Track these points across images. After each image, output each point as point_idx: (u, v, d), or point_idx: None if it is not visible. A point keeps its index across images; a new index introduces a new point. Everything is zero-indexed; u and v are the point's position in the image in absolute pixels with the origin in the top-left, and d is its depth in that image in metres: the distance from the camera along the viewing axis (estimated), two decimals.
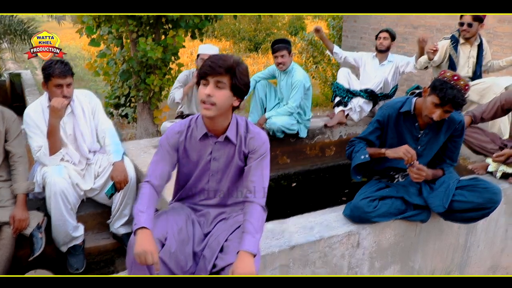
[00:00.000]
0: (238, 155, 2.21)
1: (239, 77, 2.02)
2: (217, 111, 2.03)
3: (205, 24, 6.77)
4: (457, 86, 2.55)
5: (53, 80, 3.02)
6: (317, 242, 2.48)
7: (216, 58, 2.01)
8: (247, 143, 2.19)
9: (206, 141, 2.20)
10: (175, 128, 2.24)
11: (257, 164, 2.17)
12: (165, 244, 2.07)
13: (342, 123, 4.83)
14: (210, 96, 1.99)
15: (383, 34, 4.93)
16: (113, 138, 3.30)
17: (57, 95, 3.05)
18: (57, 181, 2.97)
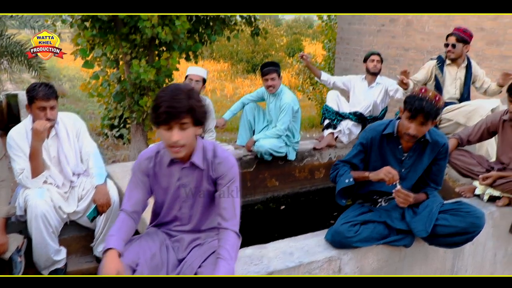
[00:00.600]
0: (207, 180, 2.19)
1: (198, 110, 2.00)
2: (187, 149, 2.06)
3: (198, 47, 6.83)
4: (426, 97, 2.56)
5: (36, 103, 3.02)
6: (296, 268, 2.44)
7: (172, 100, 1.93)
8: (215, 168, 2.17)
9: (173, 167, 2.20)
10: (145, 154, 2.25)
11: (227, 190, 2.16)
12: (137, 270, 2.05)
13: (331, 146, 4.82)
14: (178, 141, 1.98)
15: (376, 57, 4.96)
16: (96, 161, 3.28)
17: (40, 117, 3.04)
18: (38, 203, 2.95)
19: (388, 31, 6.82)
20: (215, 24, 7.06)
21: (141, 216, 2.26)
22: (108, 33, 6.40)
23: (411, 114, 2.60)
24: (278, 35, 21.26)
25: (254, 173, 4.46)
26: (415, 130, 2.64)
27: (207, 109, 2.08)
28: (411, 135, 2.66)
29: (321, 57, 12.70)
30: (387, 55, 6.79)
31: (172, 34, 6.00)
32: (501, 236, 3.34)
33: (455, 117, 4.40)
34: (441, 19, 6.02)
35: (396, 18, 6.65)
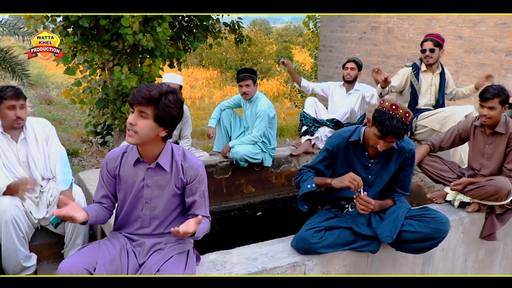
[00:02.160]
0: (174, 183, 2.21)
1: (163, 109, 2.03)
2: (139, 139, 2.06)
3: (181, 54, 6.83)
4: (396, 116, 2.52)
5: (5, 103, 3.04)
6: (258, 274, 2.43)
7: (143, 88, 2.04)
8: (185, 171, 2.21)
9: (139, 166, 2.22)
10: (111, 154, 2.29)
11: (200, 194, 2.25)
12: (94, 273, 2.05)
13: (308, 152, 4.83)
14: (132, 125, 2.02)
15: (350, 64, 4.96)
16: (63, 167, 3.27)
17: (10, 116, 3.05)
18: (8, 208, 2.93)
19: (369, 38, 6.87)
20: (197, 31, 7.07)
21: (112, 208, 2.34)
22: (90, 40, 6.39)
23: (381, 134, 2.56)
24: (268, 43, 21.33)
25: (230, 180, 4.45)
26: (384, 146, 2.63)
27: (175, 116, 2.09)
28: (380, 150, 2.67)
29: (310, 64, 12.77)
30: (368, 62, 6.84)
31: (153, 41, 6.00)
32: (472, 242, 3.36)
33: (430, 124, 4.43)
34: (421, 27, 6.07)
35: (377, 26, 6.70)
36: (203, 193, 2.26)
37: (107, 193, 2.31)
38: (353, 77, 4.94)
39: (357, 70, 4.95)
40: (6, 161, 3.15)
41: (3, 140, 3.16)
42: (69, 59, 6.58)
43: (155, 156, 2.18)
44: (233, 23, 7.68)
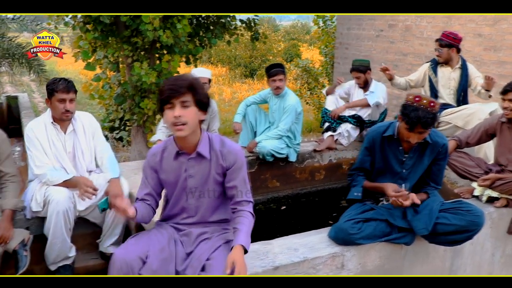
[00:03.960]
0: (215, 170, 2.27)
1: (200, 92, 2.11)
2: (189, 129, 2.12)
3: (199, 50, 6.90)
4: (421, 106, 2.62)
5: (56, 95, 3.10)
6: (301, 263, 2.50)
7: (174, 80, 2.09)
8: (225, 157, 2.25)
9: (180, 159, 2.27)
10: (152, 150, 2.36)
11: (241, 179, 2.27)
12: (147, 262, 2.11)
13: (331, 148, 4.88)
14: (180, 117, 2.06)
15: (354, 74, 4.95)
16: (110, 158, 3.35)
17: (60, 109, 3.13)
18: (62, 199, 3.00)
19: (386, 36, 6.92)
20: (215, 28, 7.14)
21: (156, 207, 2.38)
22: (110, 36, 6.45)
23: (409, 126, 2.67)
24: (276, 41, 21.35)
25: (255, 174, 4.52)
26: (416, 138, 2.72)
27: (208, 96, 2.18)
28: (413, 143, 2.74)
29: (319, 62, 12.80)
30: (385, 60, 6.88)
31: (173, 37, 6.06)
32: (499, 237, 3.41)
33: (454, 120, 4.48)
34: (440, 25, 6.11)
35: (394, 24, 6.74)
36: (243, 178, 2.29)
37: (150, 191, 2.35)
38: (363, 82, 4.95)
39: (363, 75, 4.91)
40: (55, 151, 3.23)
41: (52, 130, 3.23)
42: (89, 54, 6.65)
43: (194, 146, 2.23)
44: (249, 20, 7.75)
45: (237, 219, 2.24)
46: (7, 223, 2.97)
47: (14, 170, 3.23)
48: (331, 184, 4.94)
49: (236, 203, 2.28)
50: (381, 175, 2.99)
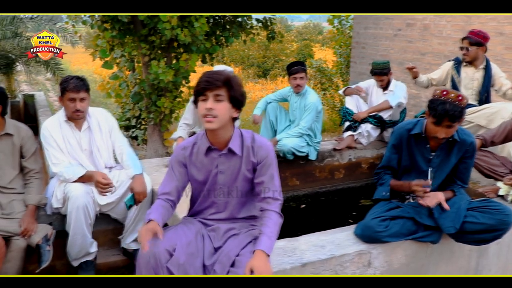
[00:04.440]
0: (246, 166, 2.25)
1: (236, 88, 2.11)
2: (219, 123, 2.11)
3: (216, 49, 6.91)
4: (448, 100, 2.59)
5: (67, 94, 3.12)
6: (328, 260, 2.48)
7: (211, 73, 2.09)
8: (255, 153, 2.24)
9: (211, 154, 2.26)
10: (182, 144, 2.34)
11: (269, 175, 2.24)
12: (174, 255, 2.10)
13: (351, 147, 4.86)
14: (211, 110, 2.06)
15: (377, 78, 4.89)
16: (130, 154, 3.36)
17: (70, 109, 3.14)
18: (81, 195, 3.02)
19: (404, 35, 6.87)
20: (232, 27, 7.14)
21: (176, 205, 2.33)
22: (127, 34, 6.48)
23: (436, 120, 2.65)
24: (288, 41, 21.34)
25: None
26: (444, 133, 2.69)
27: (245, 95, 2.17)
28: (440, 138, 2.71)
29: (331, 62, 12.76)
30: (403, 60, 6.84)
31: (191, 36, 6.07)
32: None
33: (476, 119, 4.43)
34: (459, 23, 6.05)
35: (413, 23, 6.70)
36: (272, 174, 2.26)
37: (176, 185, 2.31)
38: (385, 84, 4.91)
39: (386, 77, 4.85)
40: (70, 148, 3.24)
41: (67, 128, 3.24)
42: (107, 53, 6.68)
43: (226, 142, 2.22)
44: (265, 19, 7.74)
45: (262, 220, 2.21)
46: (31, 218, 3.01)
47: (39, 166, 3.26)
48: (350, 183, 4.91)
49: (262, 199, 2.25)
50: (407, 173, 2.97)
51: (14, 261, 2.84)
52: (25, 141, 3.19)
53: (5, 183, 3.12)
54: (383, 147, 5.02)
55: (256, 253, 2.05)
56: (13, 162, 3.17)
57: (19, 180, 3.19)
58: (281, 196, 2.27)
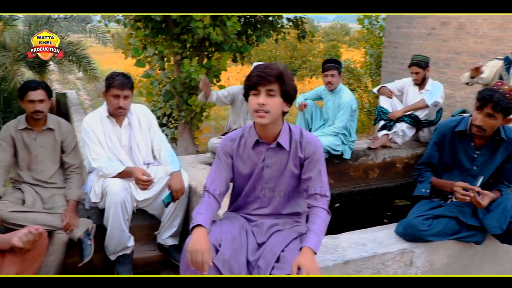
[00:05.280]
0: (293, 161, 2.22)
1: (288, 83, 2.07)
2: (271, 118, 2.08)
3: (247, 48, 6.93)
4: (500, 90, 2.56)
5: (112, 90, 3.15)
6: (370, 258, 2.45)
7: (264, 67, 2.06)
8: (303, 148, 2.21)
9: (259, 148, 2.23)
10: (229, 136, 2.31)
11: (317, 171, 2.20)
12: (219, 250, 2.09)
13: (386, 147, 4.79)
14: (263, 105, 2.04)
15: (413, 69, 4.79)
16: (169, 151, 3.37)
17: (114, 105, 3.16)
18: (119, 190, 3.04)
19: (438, 34, 6.74)
20: (263, 26, 7.14)
21: (223, 197, 2.30)
22: (160, 33, 6.55)
23: (480, 104, 2.61)
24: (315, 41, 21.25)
25: None
26: (481, 121, 2.64)
27: (296, 89, 2.14)
28: (477, 125, 2.66)
29: (359, 63, 12.65)
30: (437, 59, 6.71)
31: (222, 34, 6.10)
32: None
33: None
34: (497, 21, 5.90)
35: (447, 21, 6.57)
36: (319, 170, 2.22)
37: (225, 178, 2.27)
38: (421, 79, 4.81)
39: (422, 71, 4.76)
40: (110, 144, 3.27)
41: (108, 123, 3.27)
42: (139, 51, 6.76)
43: (274, 136, 2.19)
44: (296, 18, 7.72)
45: (310, 217, 2.18)
46: (73, 213, 3.05)
47: (79, 162, 3.31)
48: (384, 183, 4.84)
49: (309, 196, 2.21)
50: (448, 171, 2.91)
51: (56, 254, 2.89)
52: (66, 136, 3.24)
53: (46, 178, 3.18)
54: (418, 146, 4.95)
55: (304, 250, 2.03)
56: (54, 157, 3.22)
57: (59, 175, 3.25)
58: (329, 193, 2.23)
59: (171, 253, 3.33)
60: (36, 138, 3.16)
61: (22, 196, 3.08)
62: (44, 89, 3.10)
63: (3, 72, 8.36)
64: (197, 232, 2.01)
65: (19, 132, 3.14)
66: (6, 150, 3.11)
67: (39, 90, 3.06)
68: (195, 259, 1.94)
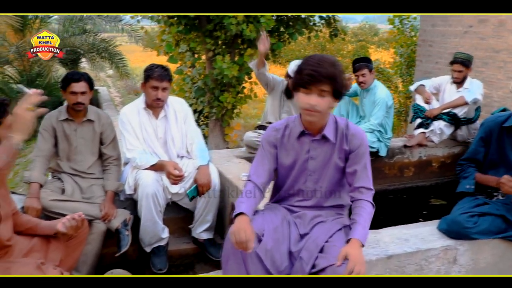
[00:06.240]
0: (338, 154, 2.19)
1: (339, 82, 2.03)
2: (320, 116, 2.07)
3: (280, 46, 6.90)
4: None
5: (150, 82, 3.16)
6: (414, 254, 2.39)
7: (317, 65, 1.99)
8: (349, 140, 2.17)
9: (303, 139, 2.21)
10: (274, 126, 2.29)
11: (362, 164, 2.17)
12: (262, 240, 2.06)
13: (422, 145, 4.70)
14: (314, 106, 2.01)
15: (457, 67, 4.68)
16: (200, 145, 3.36)
17: (152, 96, 3.18)
18: (151, 183, 3.05)
19: (476, 32, 6.58)
20: (295, 23, 7.10)
21: (267, 187, 2.27)
22: (193, 30, 6.57)
23: None
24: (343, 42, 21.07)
25: None
26: None
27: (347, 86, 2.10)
28: None
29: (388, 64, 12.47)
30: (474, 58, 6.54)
31: (256, 31, 6.08)
32: None
33: None
34: None
35: (486, 19, 6.40)
36: (365, 164, 2.19)
37: (269, 168, 2.25)
38: (461, 78, 4.71)
39: (465, 70, 4.66)
40: (146, 136, 3.28)
41: (144, 115, 3.29)
42: (172, 48, 6.80)
43: (320, 128, 2.17)
44: (328, 17, 7.66)
45: (355, 209, 2.15)
46: (111, 203, 3.08)
47: (117, 153, 3.34)
48: (419, 182, 4.76)
49: (355, 189, 2.18)
50: (494, 168, 2.82)
51: (94, 244, 2.91)
52: (105, 128, 3.28)
53: (84, 169, 3.21)
54: (455, 146, 4.84)
55: (352, 241, 2.01)
56: (93, 148, 3.25)
57: (97, 166, 3.28)
58: (372, 186, 2.20)
59: (206, 247, 3.32)
60: (76, 129, 3.20)
61: (62, 185, 3.13)
62: (86, 81, 3.13)
63: (38, 68, 8.56)
64: (240, 219, 2.00)
65: (60, 122, 3.18)
66: (48, 140, 3.16)
67: (82, 82, 3.10)
68: (238, 238, 1.92)
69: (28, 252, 2.27)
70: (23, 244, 2.28)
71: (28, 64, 8.69)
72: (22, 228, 2.35)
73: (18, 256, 2.20)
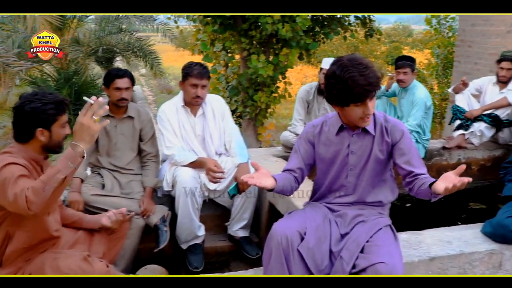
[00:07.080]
0: (378, 146, 2.18)
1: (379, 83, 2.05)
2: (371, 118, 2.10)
3: (315, 46, 6.87)
4: None
5: (190, 79, 3.19)
6: (457, 257, 2.35)
7: (368, 77, 1.95)
8: (390, 132, 2.17)
9: (343, 134, 2.21)
10: (312, 123, 2.31)
11: (414, 151, 2.17)
12: (305, 238, 2.06)
13: (461, 147, 4.60)
14: (371, 113, 2.04)
15: (506, 64, 4.52)
16: (239, 142, 3.37)
17: (191, 94, 3.21)
18: (188, 180, 3.08)
19: None
20: (331, 23, 7.06)
21: (301, 180, 2.31)
22: (228, 29, 6.60)
23: None
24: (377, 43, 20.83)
25: None
26: None
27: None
28: None
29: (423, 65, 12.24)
30: None
31: (291, 31, 6.07)
32: None
33: None
34: None
35: None
36: (416, 151, 2.19)
37: (301, 163, 2.28)
38: (508, 78, 4.57)
39: None
40: (184, 133, 3.32)
41: (183, 113, 3.32)
42: (207, 46, 6.85)
43: None
44: (364, 17, 7.58)
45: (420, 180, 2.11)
46: (150, 199, 3.13)
47: (155, 150, 3.38)
48: None
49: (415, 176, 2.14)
50: None
51: (133, 239, 2.95)
52: (144, 125, 3.32)
53: (123, 164, 3.26)
54: (496, 148, 4.72)
55: None
56: (132, 145, 3.30)
57: (136, 162, 3.33)
58: None
59: (242, 245, 3.33)
60: (116, 125, 3.25)
61: (102, 180, 3.19)
62: (129, 77, 3.18)
63: (75, 66, 8.75)
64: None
65: (101, 118, 3.24)
66: None
67: (125, 78, 3.15)
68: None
69: (73, 244, 2.33)
70: (69, 236, 2.34)
71: (66, 63, 8.89)
72: (68, 221, 2.41)
73: (64, 248, 2.26)
